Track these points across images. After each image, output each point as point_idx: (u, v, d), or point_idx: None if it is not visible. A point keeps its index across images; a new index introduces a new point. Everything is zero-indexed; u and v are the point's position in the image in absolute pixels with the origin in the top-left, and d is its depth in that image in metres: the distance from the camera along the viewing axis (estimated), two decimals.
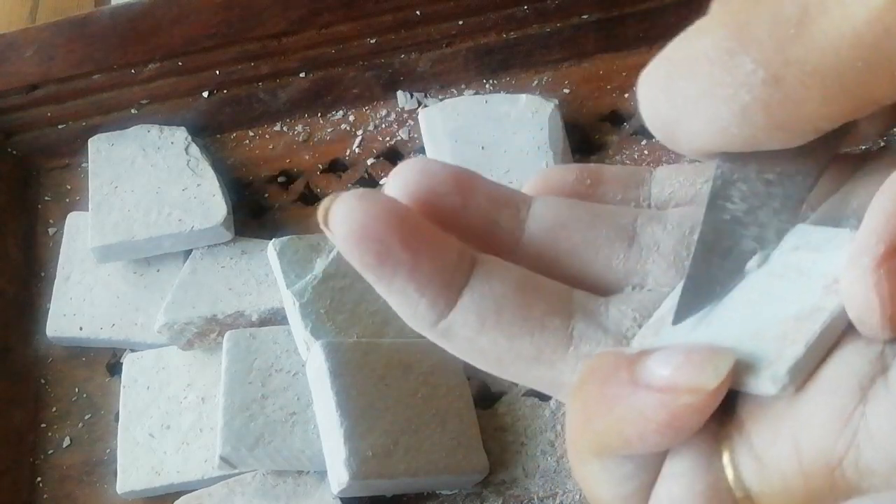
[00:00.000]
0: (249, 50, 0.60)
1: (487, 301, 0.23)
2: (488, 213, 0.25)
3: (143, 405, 0.53)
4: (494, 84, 0.63)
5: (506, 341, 0.23)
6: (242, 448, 0.48)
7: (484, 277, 0.23)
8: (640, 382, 0.21)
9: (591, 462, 0.22)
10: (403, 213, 0.23)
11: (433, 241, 0.23)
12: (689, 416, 0.20)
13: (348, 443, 0.45)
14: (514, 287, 0.24)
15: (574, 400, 0.22)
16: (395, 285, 0.23)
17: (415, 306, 0.24)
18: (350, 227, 0.23)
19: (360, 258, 0.23)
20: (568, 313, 0.24)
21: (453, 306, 0.23)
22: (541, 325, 0.23)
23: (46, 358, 0.56)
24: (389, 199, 0.23)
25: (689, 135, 0.22)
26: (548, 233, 0.25)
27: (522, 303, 0.23)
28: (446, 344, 0.25)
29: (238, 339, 0.51)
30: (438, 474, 0.47)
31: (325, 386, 0.47)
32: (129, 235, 0.55)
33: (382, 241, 0.22)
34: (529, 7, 0.61)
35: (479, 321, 0.23)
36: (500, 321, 0.23)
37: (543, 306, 0.24)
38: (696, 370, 0.20)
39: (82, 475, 0.53)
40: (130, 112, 0.61)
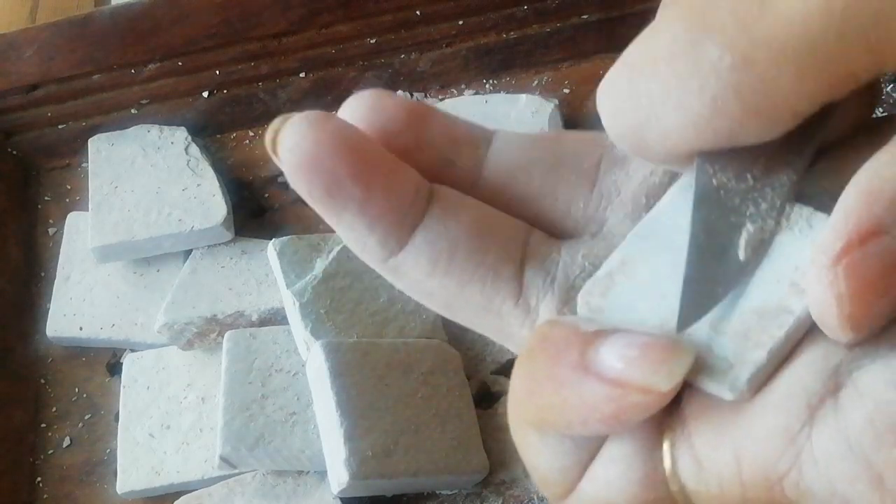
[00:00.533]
0: (249, 50, 0.60)
1: (441, 243, 0.22)
2: (444, 151, 0.24)
3: (143, 405, 0.53)
4: (494, 84, 0.63)
5: (456, 287, 0.22)
6: (242, 448, 0.48)
7: (439, 216, 0.22)
8: (591, 369, 0.20)
9: (530, 433, 0.22)
10: (357, 142, 0.21)
11: (388, 173, 0.22)
12: (637, 412, 0.20)
13: (348, 443, 0.45)
14: (468, 227, 0.22)
15: (521, 367, 0.21)
16: (343, 220, 0.22)
17: (363, 242, 0.22)
18: (298, 156, 0.21)
19: (307, 190, 0.21)
20: (521, 260, 0.23)
21: (405, 245, 0.22)
22: (493, 273, 0.22)
23: (46, 358, 0.56)
24: (343, 125, 0.22)
25: (659, 137, 0.21)
26: (507, 174, 0.24)
27: (477, 247, 0.22)
28: (395, 281, 0.23)
29: (238, 339, 0.51)
30: (438, 474, 0.47)
31: (325, 386, 0.47)
32: (129, 235, 0.55)
33: (332, 172, 0.21)
34: (529, 7, 0.61)
35: (430, 264, 0.22)
36: (452, 267, 0.22)
37: (497, 251, 0.23)
38: (649, 369, 0.19)
39: (82, 475, 0.53)
40: (130, 112, 0.61)
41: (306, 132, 0.21)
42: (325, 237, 0.53)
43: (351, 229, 0.22)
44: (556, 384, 0.20)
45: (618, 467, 0.21)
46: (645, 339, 0.20)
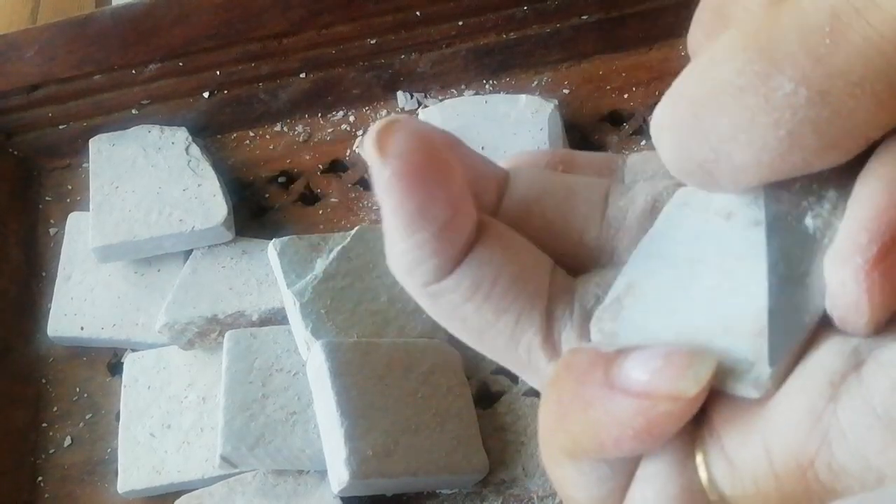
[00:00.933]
0: (250, 50, 0.60)
1: (486, 270, 0.22)
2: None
3: (143, 405, 0.53)
4: (494, 84, 0.63)
5: (492, 315, 0.22)
6: (243, 447, 0.48)
7: (489, 244, 0.22)
8: (617, 386, 0.20)
9: (565, 463, 0.22)
10: (451, 165, 0.21)
11: (466, 198, 0.22)
12: (667, 422, 0.20)
13: (349, 442, 0.45)
14: (512, 259, 0.22)
15: (548, 397, 0.21)
16: (414, 239, 0.21)
17: (421, 264, 0.22)
18: (406, 165, 0.21)
19: (400, 199, 0.21)
20: (549, 295, 0.23)
21: (453, 271, 0.22)
22: (530, 306, 0.22)
23: (47, 358, 0.57)
24: (441, 139, 0.22)
25: (730, 172, 0.20)
26: (524, 206, 0.24)
27: (518, 277, 0.22)
28: (430, 305, 0.23)
29: (239, 339, 0.51)
30: (438, 474, 0.47)
31: (325, 385, 0.47)
32: (129, 235, 0.55)
33: (431, 190, 0.21)
34: (529, 8, 0.61)
35: (473, 289, 0.22)
36: (493, 292, 0.22)
37: (535, 285, 0.23)
38: (675, 376, 0.19)
39: (83, 474, 0.53)
40: (131, 112, 0.61)
41: (418, 143, 0.21)
42: (326, 237, 0.53)
43: (418, 249, 0.22)
44: (585, 405, 0.20)
45: (654, 485, 0.21)
46: (666, 349, 0.20)
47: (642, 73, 0.62)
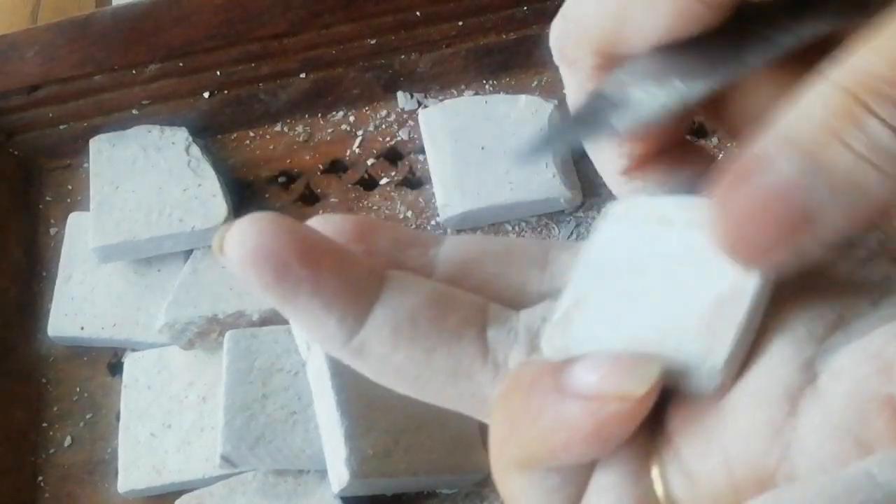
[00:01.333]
0: (250, 50, 0.60)
1: (400, 313, 0.22)
2: (394, 255, 0.24)
3: (144, 404, 0.53)
4: (494, 85, 0.63)
5: (422, 355, 0.22)
6: (243, 447, 0.48)
7: (396, 291, 0.23)
8: (567, 390, 0.20)
9: (516, 476, 0.21)
10: (301, 232, 0.22)
11: (336, 256, 0.22)
12: (617, 424, 0.20)
13: (349, 442, 0.45)
14: (427, 299, 0.23)
15: (497, 411, 0.22)
16: (299, 304, 0.22)
17: (324, 325, 0.22)
18: (244, 250, 0.21)
19: (258, 279, 0.22)
20: (482, 323, 0.23)
21: (364, 322, 0.22)
22: (457, 337, 0.22)
23: (48, 357, 0.57)
24: (286, 219, 0.22)
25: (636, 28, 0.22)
26: (460, 267, 0.24)
27: (437, 314, 0.22)
28: (361, 364, 0.23)
29: (239, 339, 0.51)
30: (439, 473, 0.47)
31: (325, 385, 0.47)
32: (130, 235, 0.55)
33: (279, 258, 0.21)
34: (529, 8, 0.61)
35: (394, 335, 0.22)
36: (415, 335, 0.22)
37: (458, 317, 0.23)
38: (623, 376, 0.20)
39: (84, 474, 0.53)
40: (132, 112, 0.61)
41: (249, 228, 0.22)
42: None
43: (308, 312, 0.22)
44: (534, 414, 0.20)
45: (608, 497, 0.21)
46: (613, 355, 0.20)
47: None
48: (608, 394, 0.20)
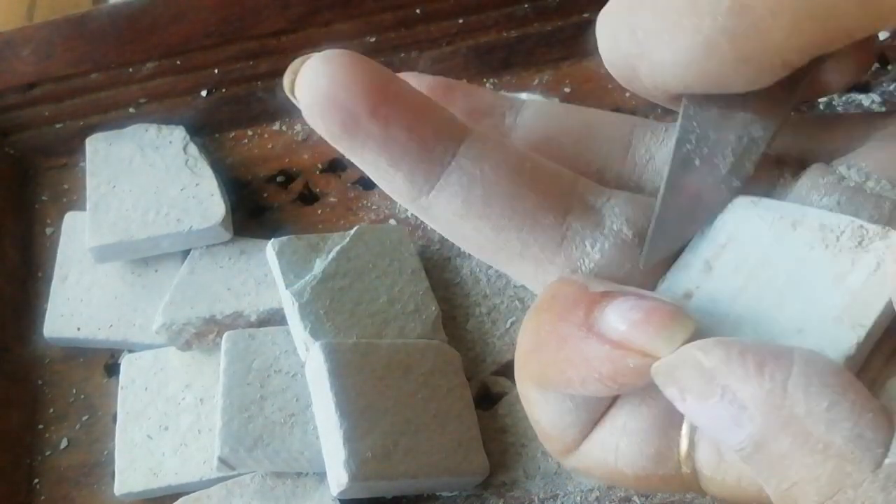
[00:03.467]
0: (248, 48, 0.60)
1: (474, 186, 0.21)
2: (470, 112, 0.23)
3: (141, 406, 0.52)
4: (495, 83, 0.62)
5: (491, 232, 0.22)
6: (241, 449, 0.48)
7: (473, 156, 0.21)
8: (594, 328, 0.20)
9: (534, 389, 0.22)
10: (376, 78, 0.21)
11: (410, 109, 0.21)
12: (634, 375, 0.20)
13: (348, 444, 0.45)
14: (507, 171, 0.22)
15: (528, 322, 0.22)
16: (365, 158, 0.22)
17: (390, 179, 0.22)
18: (314, 94, 0.21)
19: (325, 128, 0.22)
20: (565, 207, 0.22)
21: (434, 183, 0.21)
22: (532, 220, 0.22)
23: (44, 359, 0.56)
24: (363, 62, 0.21)
25: (651, 70, 0.21)
26: (536, 141, 0.24)
27: (515, 192, 0.21)
28: (429, 221, 0.23)
29: (237, 340, 0.51)
30: (438, 476, 0.47)
31: (324, 387, 0.47)
32: (126, 235, 0.55)
33: (348, 108, 0.21)
34: (530, 5, 0.60)
35: (464, 207, 0.22)
36: (487, 211, 0.22)
37: (537, 198, 0.22)
38: (652, 332, 0.19)
39: (80, 476, 0.53)
40: (128, 111, 0.61)
41: (323, 69, 0.21)
42: (325, 237, 0.53)
43: (375, 167, 0.22)
44: (560, 341, 0.20)
45: (631, 439, 0.21)
46: (650, 303, 0.20)
47: None
48: (632, 345, 0.19)
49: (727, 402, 0.18)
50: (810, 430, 0.18)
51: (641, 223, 0.22)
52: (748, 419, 0.18)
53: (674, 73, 0.21)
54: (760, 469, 0.18)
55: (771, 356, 0.18)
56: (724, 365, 0.18)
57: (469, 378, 0.51)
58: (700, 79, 0.21)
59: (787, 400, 0.18)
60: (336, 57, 0.21)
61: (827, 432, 0.18)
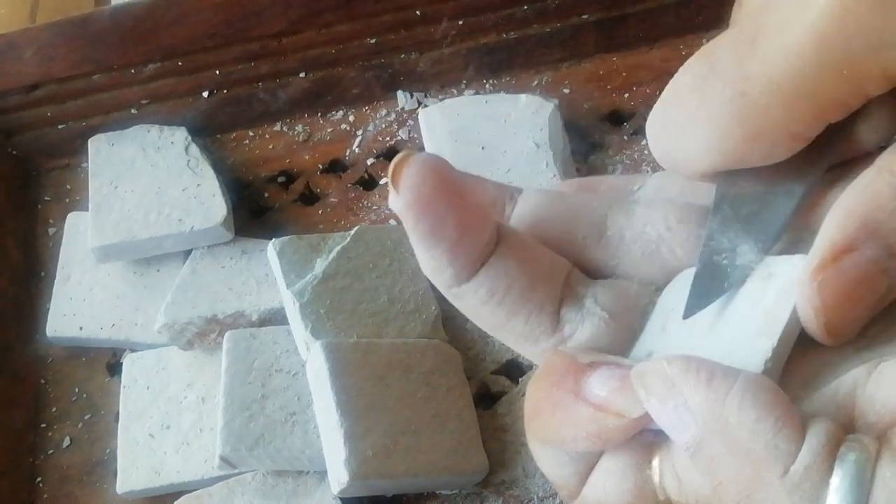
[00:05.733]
0: (249, 50, 0.60)
1: (500, 280, 0.25)
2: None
3: (142, 405, 0.53)
4: (494, 84, 0.63)
5: (504, 317, 0.26)
6: (242, 448, 0.48)
7: (502, 255, 0.26)
8: (581, 394, 0.24)
9: (538, 445, 0.25)
10: (460, 190, 0.25)
11: (476, 219, 0.25)
12: (614, 433, 0.23)
13: (348, 443, 0.45)
14: (524, 267, 0.26)
15: (530, 388, 0.25)
16: (433, 252, 0.25)
17: (441, 272, 0.26)
18: (415, 196, 0.24)
19: (414, 225, 0.25)
20: (561, 298, 0.26)
21: (471, 278, 0.26)
22: (538, 310, 0.26)
23: (46, 358, 0.56)
24: (452, 174, 0.25)
25: (685, 158, 0.25)
26: (529, 226, 0.27)
27: (529, 284, 0.26)
28: (455, 302, 0.27)
29: (238, 340, 0.51)
30: (438, 474, 0.47)
31: (325, 386, 0.47)
32: (129, 235, 0.55)
33: (440, 216, 0.25)
34: (529, 7, 0.61)
35: (488, 296, 0.26)
36: (506, 299, 0.26)
37: (544, 290, 0.26)
38: (625, 398, 0.23)
39: (82, 475, 0.53)
40: (130, 112, 0.61)
41: (426, 175, 0.25)
42: (325, 237, 0.53)
43: (436, 260, 0.25)
44: (553, 405, 0.24)
45: (613, 478, 0.24)
46: (624, 371, 0.23)
47: (643, 73, 0.62)
48: (610, 409, 0.23)
49: (681, 406, 0.22)
50: (738, 437, 0.21)
51: (616, 307, 0.26)
52: (693, 422, 0.22)
53: (703, 157, 0.24)
54: (700, 468, 0.22)
55: (720, 373, 0.22)
56: (681, 374, 0.22)
57: (469, 377, 0.51)
58: (724, 159, 0.24)
59: (724, 409, 0.21)
60: (436, 166, 0.25)
61: (750, 440, 0.21)
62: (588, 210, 0.28)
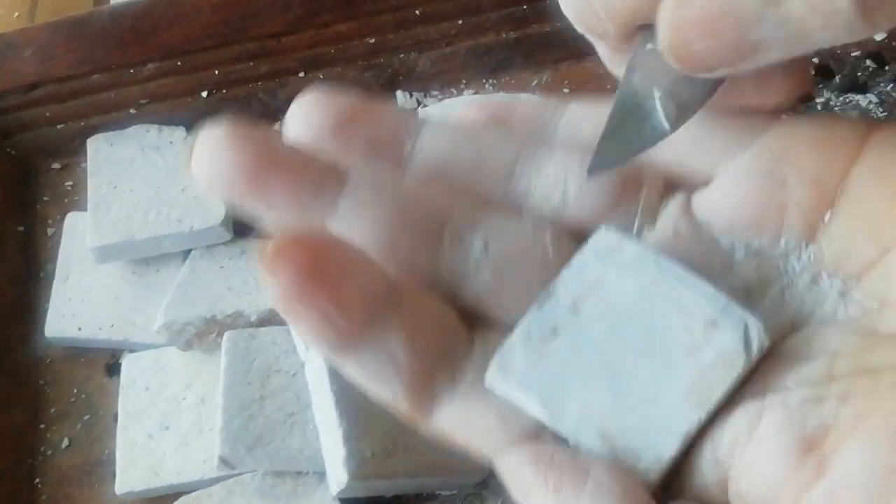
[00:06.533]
0: (248, 50, 0.60)
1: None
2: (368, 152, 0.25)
3: (141, 406, 0.53)
4: (494, 84, 0.63)
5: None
6: (241, 448, 0.48)
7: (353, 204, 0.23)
8: None
9: None
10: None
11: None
12: None
13: (347, 443, 0.45)
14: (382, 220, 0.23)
15: None
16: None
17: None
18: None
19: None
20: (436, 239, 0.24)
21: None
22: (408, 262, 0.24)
23: (45, 358, 0.56)
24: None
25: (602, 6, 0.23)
26: (431, 166, 0.25)
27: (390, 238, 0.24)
28: None
29: (237, 340, 0.51)
30: (438, 475, 0.47)
31: (324, 386, 0.47)
32: (128, 235, 0.55)
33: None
34: (529, 7, 0.61)
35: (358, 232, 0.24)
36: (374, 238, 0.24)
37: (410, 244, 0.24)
38: None
39: (81, 476, 0.53)
40: (129, 112, 0.61)
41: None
42: None
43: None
44: None
45: None
46: None
47: None
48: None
49: None
50: None
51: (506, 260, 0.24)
52: None
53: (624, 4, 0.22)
54: None
55: (569, 478, 0.21)
56: (532, 479, 0.22)
57: None
58: (652, 6, 0.22)
59: None
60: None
61: None
62: (497, 156, 0.25)
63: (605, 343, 0.23)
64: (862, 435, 0.20)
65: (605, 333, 0.23)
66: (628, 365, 0.22)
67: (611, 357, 0.23)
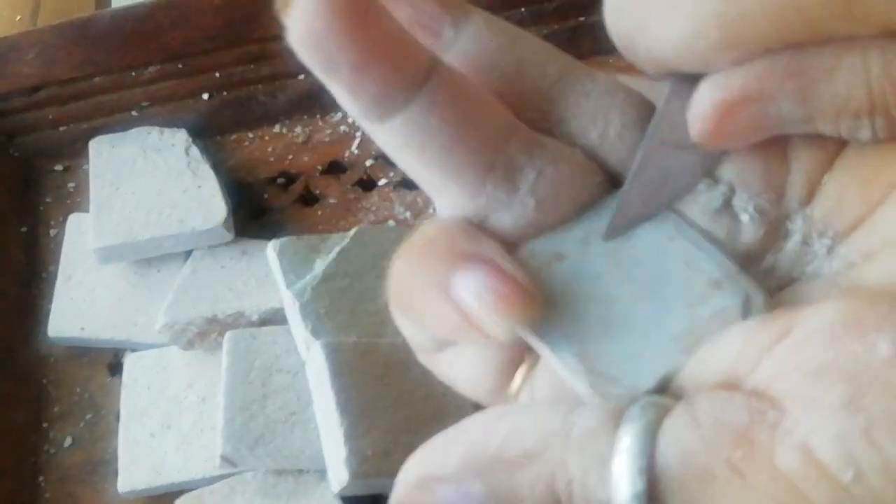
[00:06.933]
0: (249, 52, 0.61)
1: (415, 135, 0.22)
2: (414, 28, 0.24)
3: (143, 405, 0.53)
4: None
5: (416, 172, 0.23)
6: (243, 447, 0.48)
7: (426, 104, 0.22)
8: (450, 294, 0.21)
9: (399, 313, 0.24)
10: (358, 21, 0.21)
11: (382, 55, 0.21)
12: (472, 340, 0.22)
13: (348, 442, 0.46)
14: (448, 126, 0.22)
15: (398, 260, 0.23)
16: (334, 87, 0.22)
17: (349, 105, 0.22)
18: (302, 32, 0.22)
19: (309, 65, 0.22)
20: (488, 165, 0.23)
21: (385, 121, 0.22)
22: (455, 174, 0.23)
23: (48, 358, 0.57)
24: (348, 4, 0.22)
25: (647, 45, 0.22)
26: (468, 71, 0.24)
27: (447, 145, 0.22)
28: (374, 136, 0.23)
29: (238, 339, 0.51)
30: None
31: (325, 386, 0.47)
32: (130, 236, 0.55)
33: (331, 55, 0.21)
34: (527, 9, 0.61)
35: (400, 147, 0.23)
36: (421, 156, 0.23)
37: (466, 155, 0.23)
38: (495, 318, 0.21)
39: (84, 474, 0.53)
40: (131, 114, 0.61)
41: (310, 7, 0.22)
42: (325, 237, 0.53)
43: (340, 94, 0.22)
44: (420, 290, 0.22)
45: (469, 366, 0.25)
46: (504, 287, 0.21)
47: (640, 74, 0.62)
48: (475, 322, 0.21)
49: None
50: None
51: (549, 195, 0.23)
52: None
53: (667, 49, 0.22)
54: None
55: None
56: None
57: None
58: (690, 59, 0.22)
59: None
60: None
61: None
62: (541, 73, 0.24)
63: (607, 277, 0.23)
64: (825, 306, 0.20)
65: (608, 269, 0.23)
66: (625, 300, 0.22)
67: (609, 290, 0.22)
